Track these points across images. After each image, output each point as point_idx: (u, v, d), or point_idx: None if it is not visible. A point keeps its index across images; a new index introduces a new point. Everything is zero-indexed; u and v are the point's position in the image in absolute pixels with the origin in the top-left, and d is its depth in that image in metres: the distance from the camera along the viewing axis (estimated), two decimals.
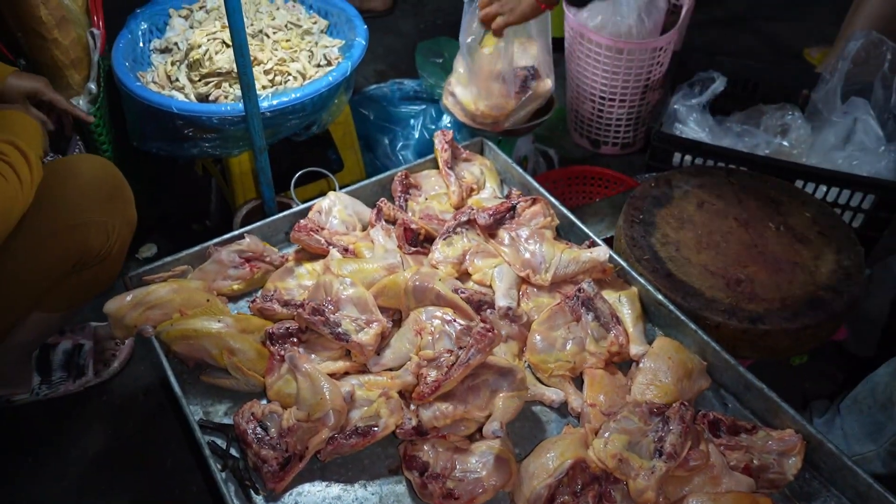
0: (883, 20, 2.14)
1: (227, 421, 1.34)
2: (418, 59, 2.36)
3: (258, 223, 1.62)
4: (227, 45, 1.75)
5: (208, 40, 1.73)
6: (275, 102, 1.66)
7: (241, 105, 1.61)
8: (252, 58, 1.75)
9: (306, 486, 1.25)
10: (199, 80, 1.72)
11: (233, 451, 1.29)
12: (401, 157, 2.13)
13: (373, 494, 1.24)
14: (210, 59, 1.72)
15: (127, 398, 1.68)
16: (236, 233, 1.59)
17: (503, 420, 1.25)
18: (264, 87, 1.74)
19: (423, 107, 2.23)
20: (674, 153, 1.92)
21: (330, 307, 1.37)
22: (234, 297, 1.56)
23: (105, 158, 1.46)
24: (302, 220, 1.57)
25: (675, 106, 2.00)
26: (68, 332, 1.70)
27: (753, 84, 2.12)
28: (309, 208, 1.64)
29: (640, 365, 1.35)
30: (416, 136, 2.15)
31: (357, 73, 2.73)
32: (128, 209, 1.43)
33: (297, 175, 1.74)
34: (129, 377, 1.72)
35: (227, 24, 1.72)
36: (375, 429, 1.25)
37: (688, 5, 2.16)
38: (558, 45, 2.50)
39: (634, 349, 1.38)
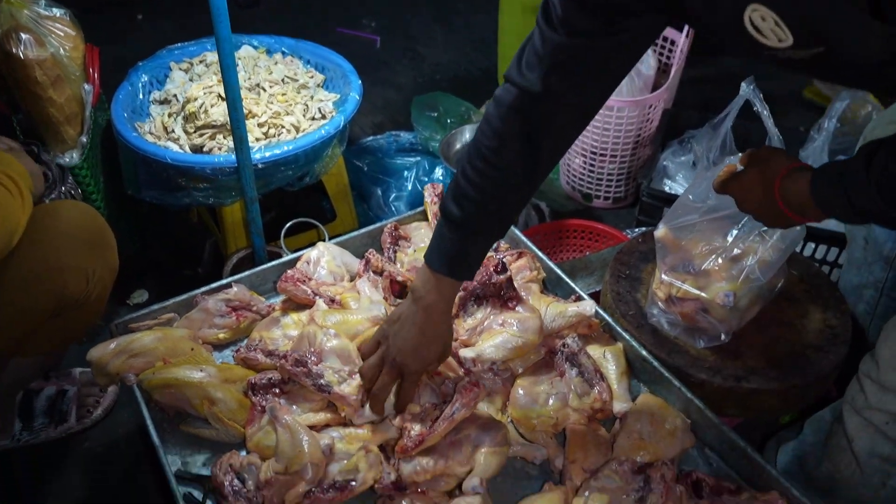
0: None
1: (205, 472, 1.33)
2: (414, 112, 2.41)
3: (246, 272, 1.63)
4: (223, 99, 1.79)
5: (205, 94, 1.78)
6: (267, 154, 1.69)
7: (233, 156, 1.64)
8: (247, 111, 1.80)
9: None
10: (195, 132, 1.75)
11: None
12: (393, 208, 2.16)
13: None
14: (206, 111, 1.76)
15: (109, 445, 1.67)
16: (224, 281, 1.60)
17: (484, 476, 1.24)
18: (258, 140, 1.77)
19: (417, 159, 2.27)
20: (663, 209, 1.94)
21: (313, 358, 1.37)
22: (219, 346, 1.56)
23: (87, 204, 1.48)
24: (289, 271, 1.58)
25: (665, 162, 2.03)
26: (53, 378, 1.70)
27: (744, 140, 2.15)
28: (297, 258, 1.65)
29: (623, 422, 1.34)
30: (409, 187, 2.18)
31: (354, 124, 2.79)
32: (109, 255, 1.44)
33: (287, 225, 1.75)
34: (112, 424, 1.70)
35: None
36: (353, 483, 1.24)
37: (677, 65, 2.21)
38: None
39: (618, 406, 1.37)
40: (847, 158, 1.02)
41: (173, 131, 1.79)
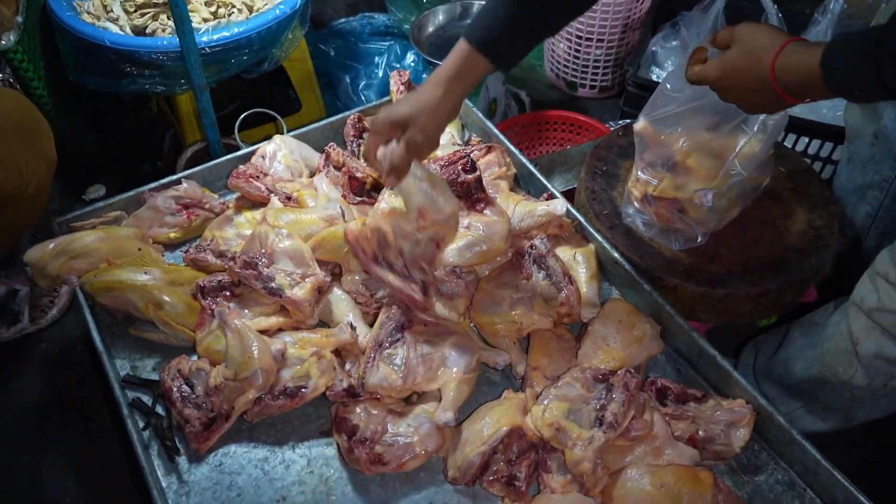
0: None
1: (155, 376, 1.29)
2: None
3: (198, 167, 1.54)
4: None
5: None
6: (214, 37, 1.54)
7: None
8: None
9: (232, 447, 1.20)
10: (135, 12, 1.60)
11: (159, 409, 1.23)
12: (363, 97, 2.02)
13: (301, 457, 1.19)
14: None
15: (65, 347, 1.62)
16: (174, 177, 1.50)
17: (455, 407, 1.17)
18: (205, 20, 1.62)
19: (390, 43, 2.10)
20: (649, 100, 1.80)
21: (264, 260, 1.30)
22: (171, 246, 1.48)
23: (17, 92, 1.36)
24: (242, 166, 1.48)
25: (654, 48, 1.87)
26: (3, 278, 1.63)
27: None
28: (253, 153, 1.55)
29: (589, 328, 1.28)
30: (381, 74, 2.03)
31: (325, 5, 2.59)
32: (44, 147, 1.34)
33: (240, 117, 1.63)
34: (70, 324, 1.65)
35: None
36: (304, 390, 1.19)
37: None
38: None
39: (586, 311, 1.30)
40: (880, 25, 0.87)
41: (112, 11, 1.63)
